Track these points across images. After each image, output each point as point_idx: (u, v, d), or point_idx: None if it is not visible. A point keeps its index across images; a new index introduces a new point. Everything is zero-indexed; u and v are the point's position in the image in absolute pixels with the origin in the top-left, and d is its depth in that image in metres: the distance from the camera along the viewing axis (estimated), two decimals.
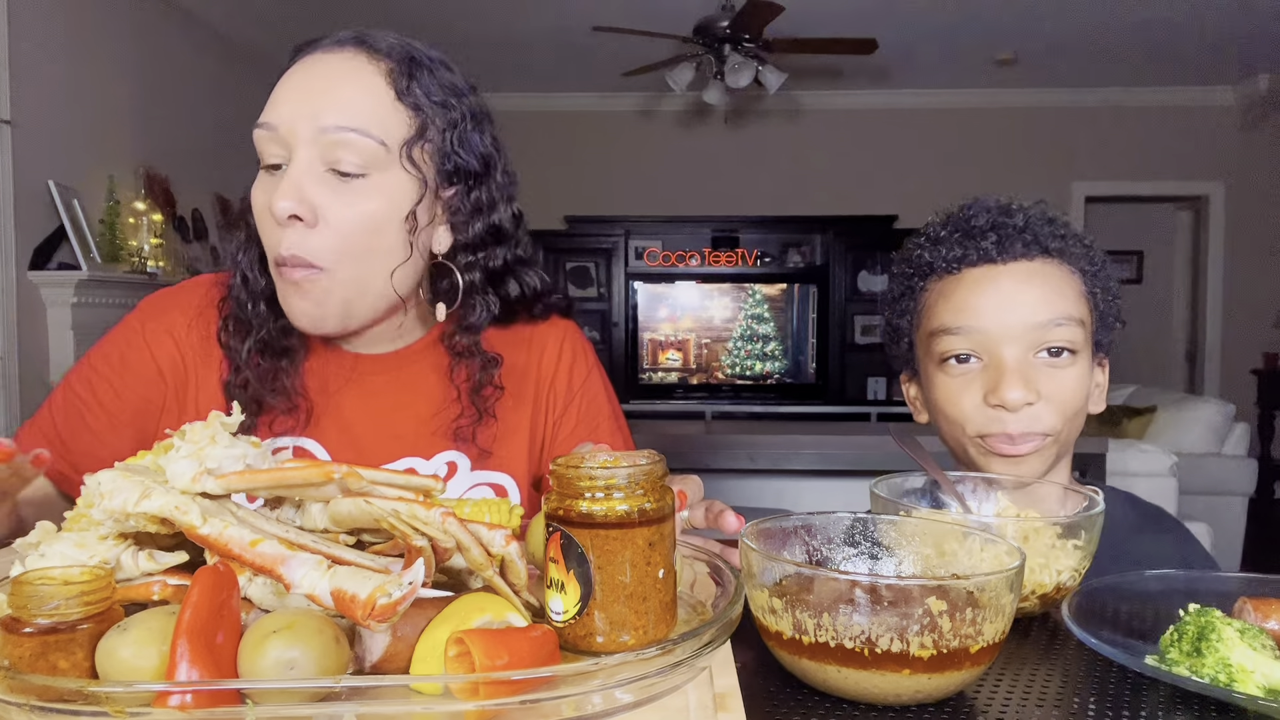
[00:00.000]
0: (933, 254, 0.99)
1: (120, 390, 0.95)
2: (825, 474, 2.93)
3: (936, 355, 0.98)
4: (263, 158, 0.87)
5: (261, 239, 0.89)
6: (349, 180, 0.85)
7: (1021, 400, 0.92)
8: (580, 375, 1.08)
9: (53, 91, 3.64)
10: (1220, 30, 5.18)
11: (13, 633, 0.51)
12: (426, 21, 5.04)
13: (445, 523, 0.56)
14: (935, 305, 0.99)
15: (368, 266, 0.88)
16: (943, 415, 0.99)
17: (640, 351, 6.76)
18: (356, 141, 0.84)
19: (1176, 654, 0.64)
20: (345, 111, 0.84)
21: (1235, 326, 6.51)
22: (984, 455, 0.98)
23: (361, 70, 0.87)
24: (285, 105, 0.85)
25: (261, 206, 0.87)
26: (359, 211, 0.85)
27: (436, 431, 0.97)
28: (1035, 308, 0.94)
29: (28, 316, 3.52)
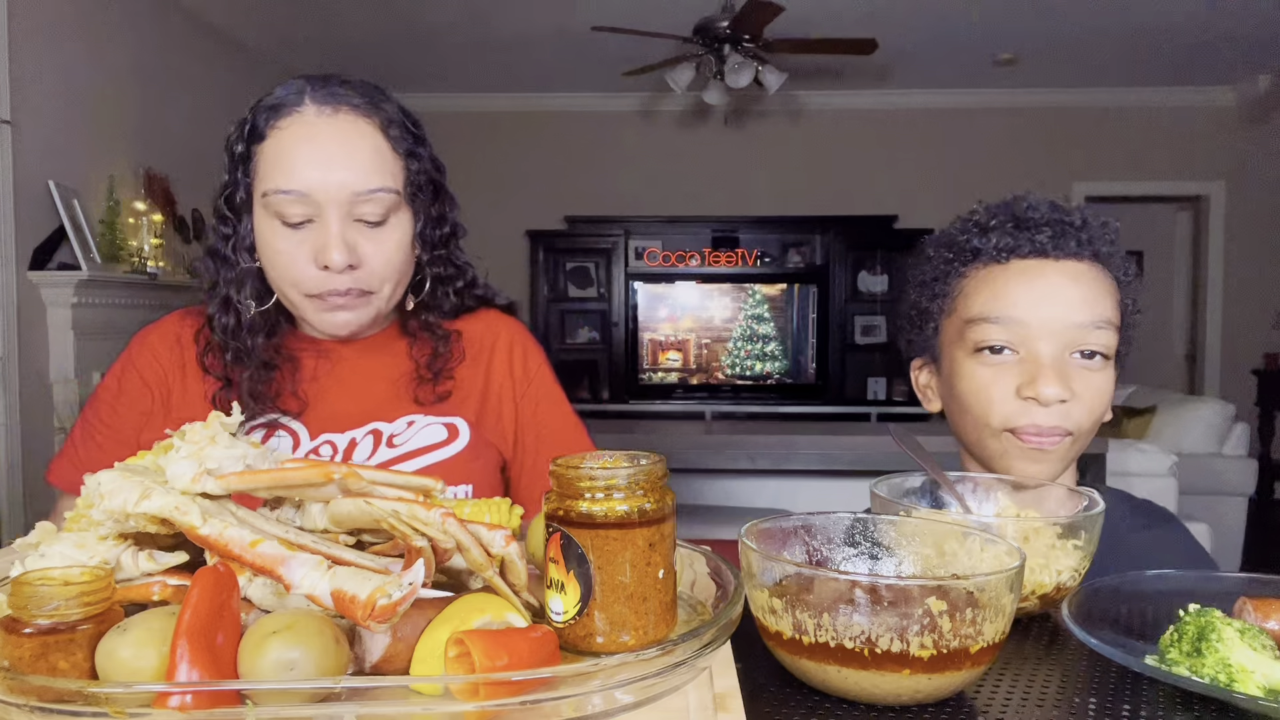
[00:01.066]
0: (981, 240, 0.98)
1: (118, 408, 1.10)
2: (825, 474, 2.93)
3: (970, 343, 0.96)
4: (284, 217, 1.00)
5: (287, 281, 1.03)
6: (377, 230, 1.02)
7: (1057, 396, 0.91)
8: (534, 365, 1.19)
9: (53, 91, 3.64)
10: (1220, 30, 5.18)
11: (13, 633, 0.51)
12: (426, 22, 5.04)
13: (445, 523, 0.56)
14: (976, 292, 0.97)
15: (395, 285, 1.07)
16: (965, 404, 0.98)
17: (640, 351, 6.76)
18: (380, 198, 1.01)
19: (1176, 654, 0.64)
20: (370, 175, 1.00)
21: (1235, 326, 6.51)
22: (1004, 451, 0.96)
23: (365, 133, 1.02)
24: (308, 172, 0.98)
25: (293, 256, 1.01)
26: (389, 250, 1.04)
27: (400, 395, 1.11)
28: (1078, 307, 0.93)
29: (28, 316, 3.51)
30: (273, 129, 1.01)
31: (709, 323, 6.83)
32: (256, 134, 1.02)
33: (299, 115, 1.00)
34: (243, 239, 1.05)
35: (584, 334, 6.72)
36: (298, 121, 1.00)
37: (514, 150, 6.56)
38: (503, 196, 6.58)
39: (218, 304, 1.07)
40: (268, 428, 1.06)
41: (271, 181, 0.99)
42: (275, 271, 1.03)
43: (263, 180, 1.01)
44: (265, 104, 1.02)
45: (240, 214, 1.05)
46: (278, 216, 1.00)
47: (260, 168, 1.01)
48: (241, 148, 1.03)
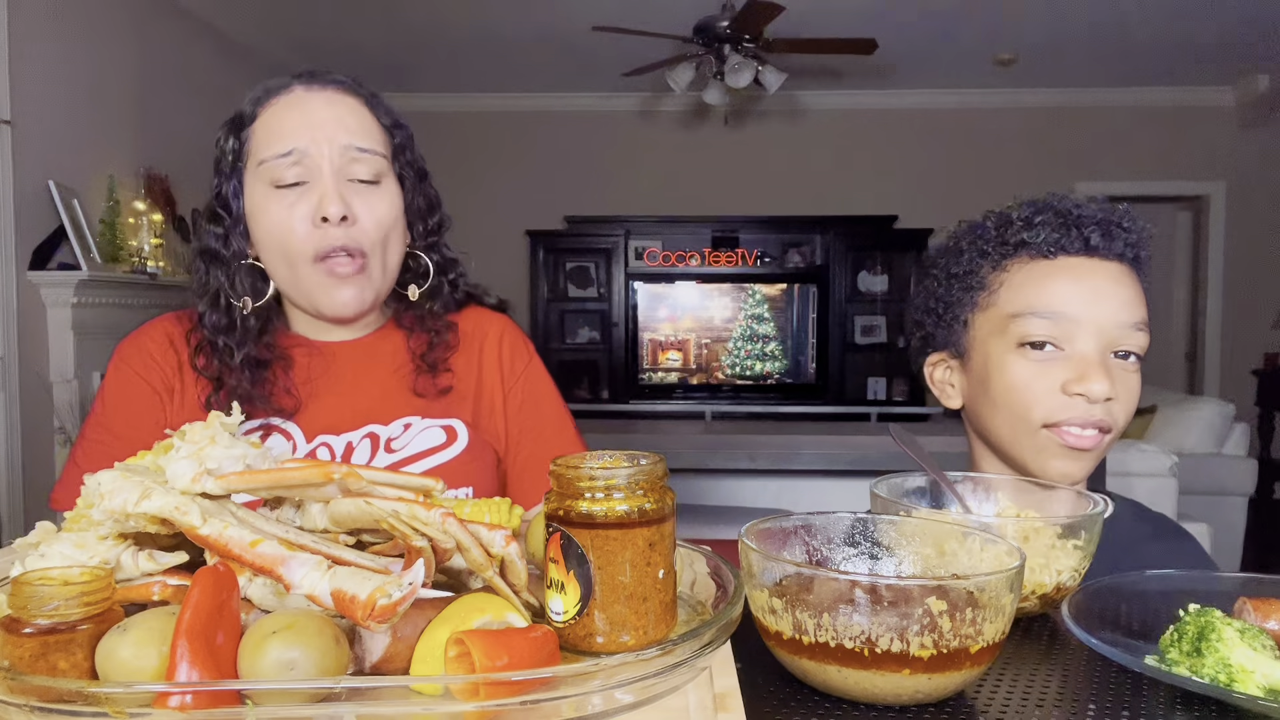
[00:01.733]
0: (1029, 234, 0.97)
1: (131, 418, 1.07)
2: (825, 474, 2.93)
3: (1014, 337, 0.96)
4: (280, 180, 1.03)
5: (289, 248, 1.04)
6: (367, 187, 1.05)
7: (1105, 393, 0.92)
8: (522, 361, 1.20)
9: (53, 91, 3.64)
10: (1220, 30, 5.18)
11: (13, 633, 0.51)
12: (426, 22, 5.04)
13: (445, 523, 0.56)
14: (1021, 286, 0.97)
15: (389, 256, 1.08)
16: (1005, 399, 0.97)
17: (640, 351, 6.75)
18: (369, 158, 1.05)
19: (1176, 654, 0.64)
20: (356, 135, 1.05)
21: (1235, 326, 6.50)
22: (1040, 449, 0.96)
23: (350, 103, 1.07)
24: (301, 133, 1.03)
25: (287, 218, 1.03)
26: (380, 210, 1.06)
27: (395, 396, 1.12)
28: (1121, 308, 0.94)
29: (28, 316, 3.51)
30: (263, 109, 1.06)
31: (709, 323, 6.83)
32: (247, 119, 1.06)
33: (288, 94, 1.06)
34: (234, 227, 1.07)
35: (584, 334, 6.72)
36: (287, 97, 1.06)
37: (514, 150, 6.56)
38: (503, 196, 6.58)
39: (208, 302, 1.08)
40: (262, 431, 1.06)
41: (268, 150, 1.03)
42: (273, 239, 1.04)
43: (256, 154, 1.04)
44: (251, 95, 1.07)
45: (231, 205, 1.07)
46: (273, 182, 1.03)
47: (253, 146, 1.05)
48: (233, 141, 1.06)
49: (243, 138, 1.06)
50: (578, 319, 6.74)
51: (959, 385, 1.05)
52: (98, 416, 1.09)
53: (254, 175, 1.05)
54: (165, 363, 1.09)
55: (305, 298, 1.07)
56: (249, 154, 1.06)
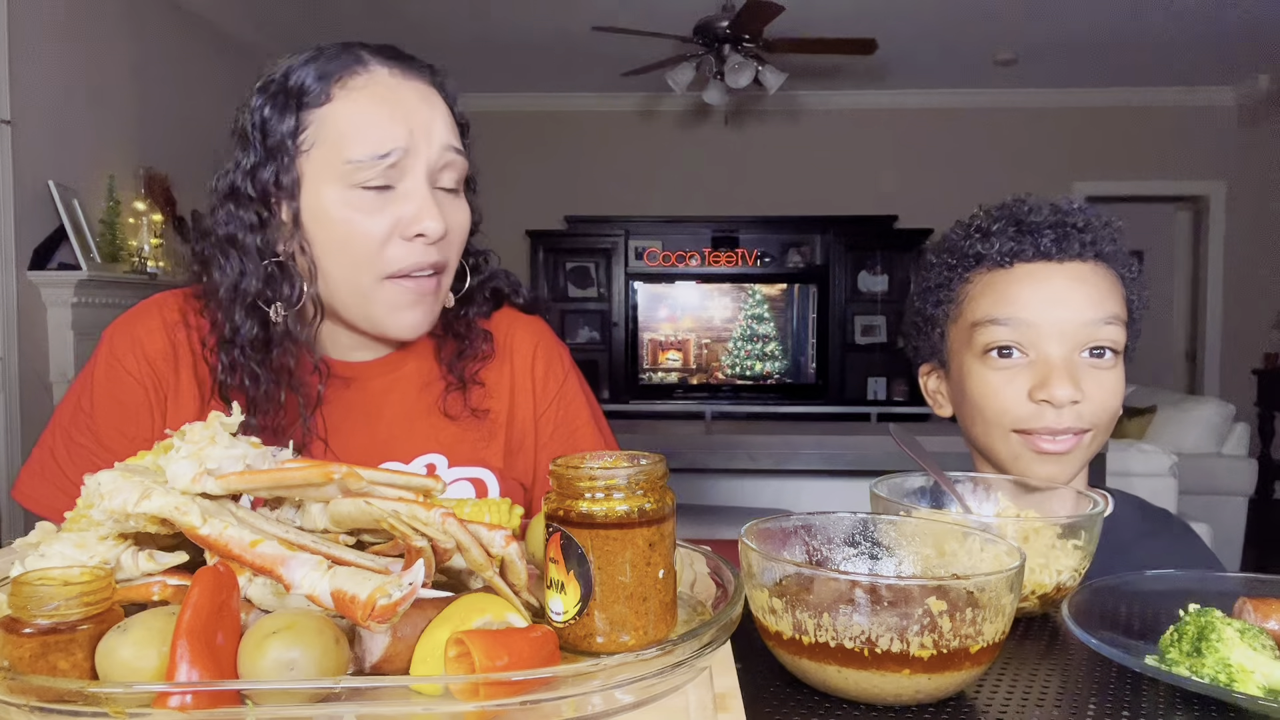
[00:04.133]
0: (984, 245, 0.98)
1: (123, 428, 0.95)
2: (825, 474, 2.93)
3: (979, 346, 0.97)
4: (367, 182, 0.88)
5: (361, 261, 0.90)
6: (453, 196, 0.95)
7: (1069, 398, 0.92)
8: (556, 380, 1.08)
9: (53, 91, 3.64)
10: (1220, 30, 5.18)
11: (13, 633, 0.51)
12: (426, 22, 5.04)
13: (445, 523, 0.56)
14: (981, 296, 0.98)
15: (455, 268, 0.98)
16: (978, 408, 0.98)
17: (640, 352, 6.75)
18: (460, 163, 0.94)
19: (1176, 654, 0.64)
20: (452, 134, 0.94)
21: (1235, 326, 6.50)
22: (1016, 455, 0.96)
23: (437, 100, 0.94)
24: (400, 130, 0.88)
25: (371, 228, 0.89)
26: (463, 222, 0.96)
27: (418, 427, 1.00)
28: (1085, 306, 0.94)
29: (28, 316, 3.51)
30: (341, 89, 0.88)
31: (709, 323, 6.83)
32: (311, 96, 0.88)
33: (371, 76, 0.90)
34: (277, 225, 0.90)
35: (584, 334, 6.72)
36: (372, 81, 0.89)
37: (514, 150, 6.56)
38: (503, 196, 6.57)
39: (244, 309, 0.90)
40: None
41: (356, 147, 0.87)
42: (351, 250, 0.89)
43: (340, 147, 0.88)
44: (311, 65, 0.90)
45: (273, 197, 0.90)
46: (358, 184, 0.88)
47: (328, 134, 0.88)
48: (290, 119, 0.88)
49: (305, 119, 0.88)
50: (578, 319, 6.74)
51: (946, 394, 1.06)
52: (84, 411, 0.96)
53: (328, 170, 0.88)
54: (161, 365, 0.95)
55: (364, 315, 0.93)
56: (315, 140, 0.88)
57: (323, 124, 0.89)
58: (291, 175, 0.89)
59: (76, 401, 0.97)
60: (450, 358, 1.02)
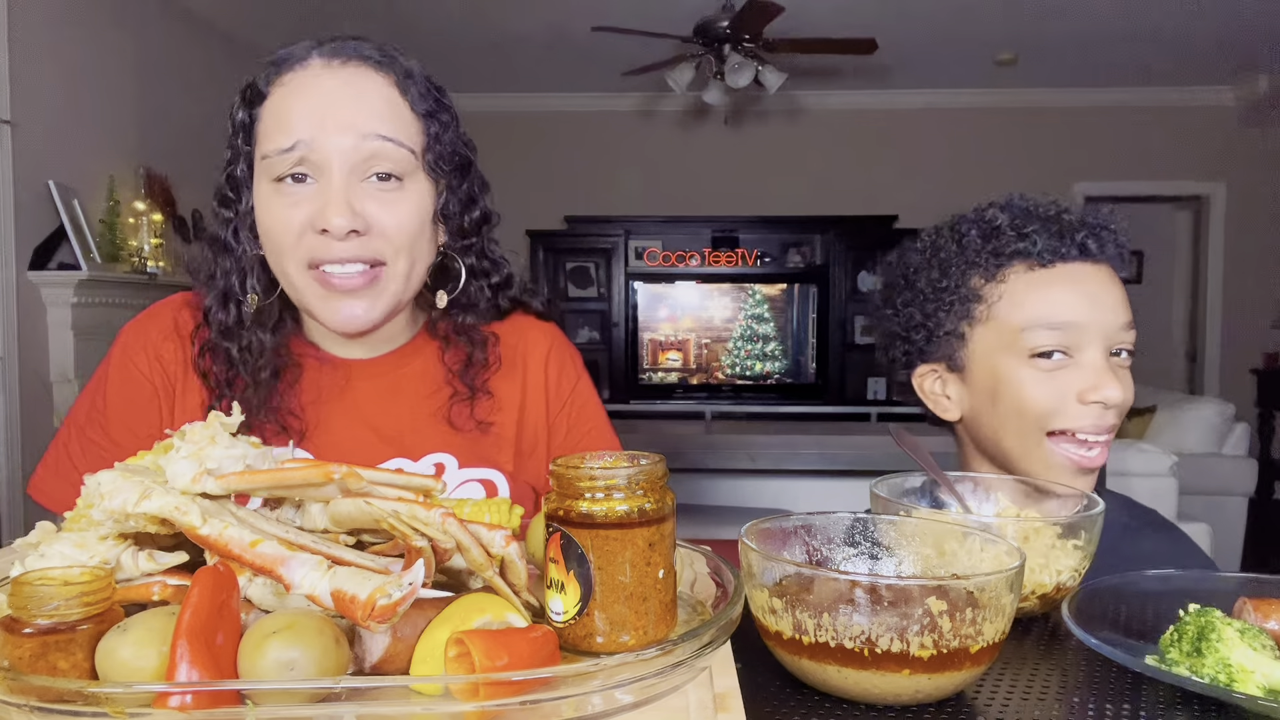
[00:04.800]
0: (1023, 244, 0.96)
1: (134, 426, 0.97)
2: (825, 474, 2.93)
3: (1024, 349, 0.94)
4: (280, 175, 0.89)
5: (283, 252, 0.90)
6: (390, 187, 0.90)
7: (1119, 399, 0.93)
8: (569, 384, 1.08)
9: (53, 91, 3.64)
10: (1220, 30, 5.18)
11: (13, 633, 0.50)
12: (426, 22, 5.04)
13: (445, 523, 0.56)
14: (1023, 297, 0.95)
15: (415, 262, 0.93)
16: (1018, 411, 0.95)
17: (640, 351, 6.75)
18: (392, 151, 0.89)
19: (1176, 654, 0.64)
20: (378, 122, 0.89)
21: (1235, 326, 6.50)
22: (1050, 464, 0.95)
23: (374, 83, 0.91)
24: (307, 123, 0.87)
25: (286, 218, 0.89)
26: (402, 215, 0.91)
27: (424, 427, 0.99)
28: (1117, 308, 0.95)
29: (28, 316, 3.51)
30: (275, 86, 0.91)
31: (709, 323, 6.83)
32: (258, 94, 0.91)
33: (303, 69, 0.90)
34: (244, 218, 0.94)
35: (584, 334, 6.72)
36: (301, 75, 0.90)
37: (514, 150, 6.55)
38: (503, 196, 6.47)
39: (216, 298, 0.95)
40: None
41: (271, 141, 0.89)
42: (271, 240, 0.91)
43: (263, 141, 0.90)
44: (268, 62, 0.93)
45: (242, 191, 0.94)
46: (275, 177, 0.89)
47: (260, 130, 0.91)
48: (243, 114, 0.92)
49: (253, 115, 0.92)
50: (578, 319, 6.74)
51: (956, 397, 1.03)
52: (98, 412, 0.98)
53: (259, 166, 0.91)
54: (171, 360, 0.98)
55: (303, 306, 0.95)
56: (256, 137, 0.91)
57: (262, 121, 0.91)
58: (243, 170, 0.93)
59: (91, 399, 0.99)
60: (458, 366, 1.00)
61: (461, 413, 0.99)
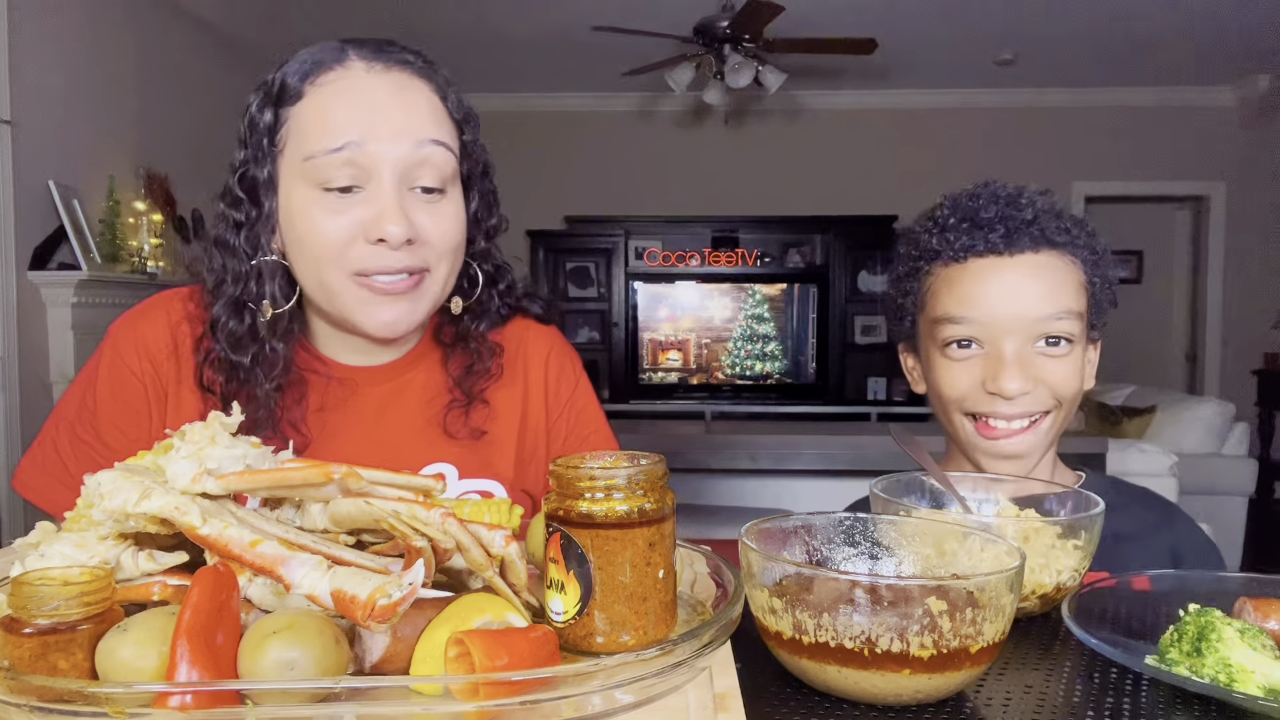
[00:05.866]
0: (940, 241, 1.02)
1: (125, 428, 0.95)
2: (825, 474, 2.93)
3: (939, 340, 1.02)
4: (328, 181, 0.86)
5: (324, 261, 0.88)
6: (435, 197, 0.90)
7: (1019, 391, 0.97)
8: (568, 386, 1.08)
9: (53, 91, 3.64)
10: (1220, 30, 5.18)
11: (13, 633, 0.51)
12: (426, 22, 5.04)
13: (445, 523, 0.56)
14: (940, 292, 1.02)
15: (451, 271, 0.94)
16: (938, 394, 1.04)
17: (640, 351, 6.75)
18: (441, 157, 0.88)
19: (1176, 654, 0.64)
20: (429, 127, 0.88)
21: (1235, 326, 6.50)
22: (974, 443, 1.03)
23: (420, 89, 0.90)
24: (358, 126, 0.85)
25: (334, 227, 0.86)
26: (447, 224, 0.91)
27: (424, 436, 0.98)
28: (1037, 301, 0.98)
29: (28, 316, 3.51)
30: (312, 85, 0.87)
31: (709, 323, 6.82)
32: (290, 94, 0.87)
33: (344, 70, 0.87)
34: (264, 222, 0.90)
35: (584, 334, 6.72)
36: (344, 76, 0.87)
37: (514, 150, 6.54)
38: (503, 196, 6.54)
39: (226, 306, 0.91)
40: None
41: (315, 143, 0.85)
42: (312, 249, 0.87)
43: (302, 143, 0.86)
44: (297, 62, 0.89)
45: (261, 195, 0.90)
46: (320, 183, 0.86)
47: (295, 131, 0.87)
48: (269, 115, 0.88)
49: (281, 116, 0.88)
50: (578, 319, 6.73)
51: (919, 373, 1.12)
52: (88, 408, 0.95)
53: (295, 169, 0.87)
54: (163, 363, 0.95)
55: (338, 311, 0.91)
56: (288, 138, 0.88)
57: (294, 121, 0.88)
58: (268, 173, 0.89)
59: (81, 397, 0.97)
60: (459, 372, 1.00)
61: (457, 420, 0.99)
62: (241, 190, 0.90)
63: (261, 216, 0.90)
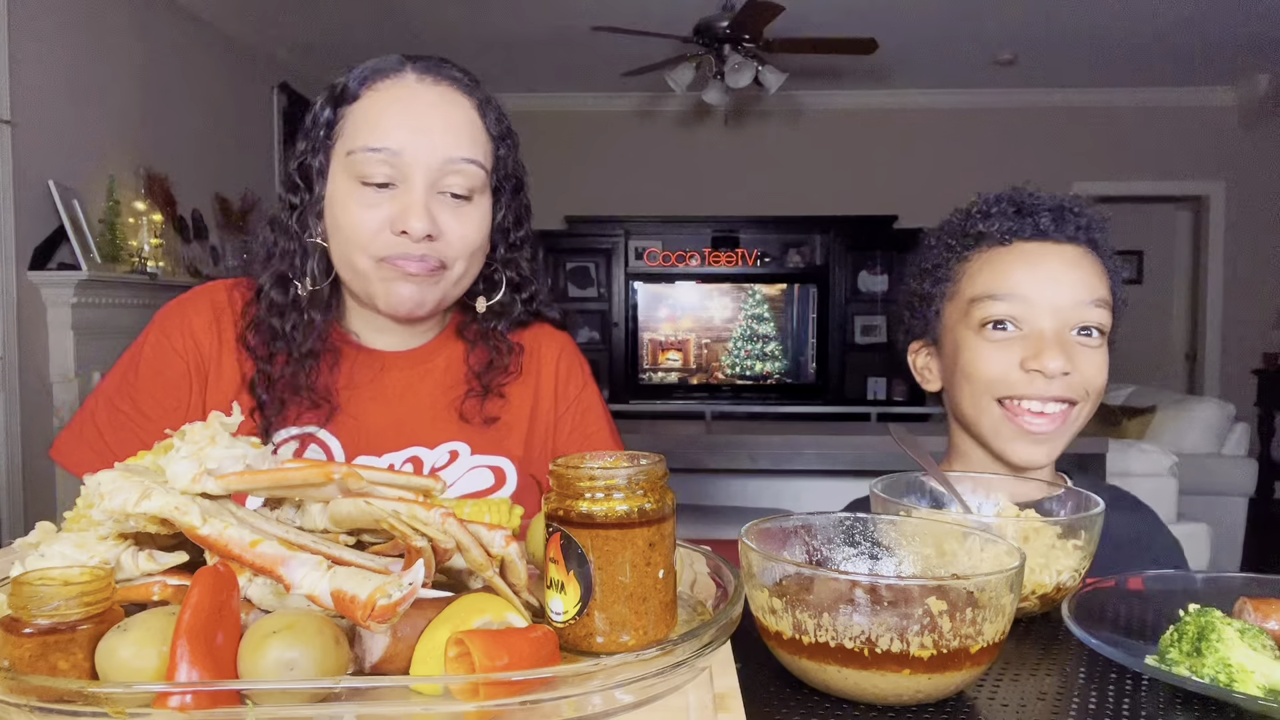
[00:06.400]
0: (985, 225, 1.03)
1: (162, 399, 1.02)
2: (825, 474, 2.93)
3: (976, 320, 1.02)
4: (366, 176, 0.96)
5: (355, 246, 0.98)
6: (461, 202, 0.99)
7: (1060, 369, 0.97)
8: (576, 385, 1.16)
9: (53, 91, 3.64)
10: (1220, 30, 5.18)
11: (13, 633, 0.51)
12: (427, 21, 5.04)
13: (445, 523, 0.56)
14: (980, 273, 1.03)
15: (468, 269, 1.03)
16: (968, 376, 1.03)
17: (640, 351, 6.75)
18: (471, 171, 0.98)
19: (1176, 654, 0.64)
20: (463, 145, 0.98)
21: (1235, 326, 6.50)
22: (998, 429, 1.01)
23: (462, 106, 1.00)
24: (401, 132, 0.96)
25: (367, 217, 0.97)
26: (470, 227, 1.00)
27: (442, 416, 1.07)
28: (1078, 287, 0.99)
29: (28, 316, 3.51)
30: (368, 89, 0.99)
31: (709, 323, 6.82)
32: (349, 95, 0.99)
33: (398, 78, 0.99)
34: (313, 206, 1.01)
35: (584, 334, 6.72)
36: (397, 84, 0.99)
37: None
38: None
39: (272, 278, 1.02)
40: (301, 440, 1.01)
41: (360, 139, 0.97)
42: (345, 234, 0.98)
43: (350, 139, 0.98)
44: (361, 69, 1.01)
45: (313, 181, 1.01)
46: (359, 177, 0.96)
47: (348, 128, 0.99)
48: (328, 112, 1.00)
49: (339, 114, 0.99)
50: (578, 319, 6.73)
51: (935, 370, 1.11)
52: (128, 384, 1.03)
53: (341, 162, 0.98)
54: (206, 342, 1.04)
55: (363, 290, 1.02)
56: (340, 134, 0.99)
57: (349, 119, 0.99)
58: (320, 163, 1.00)
59: (123, 373, 1.04)
60: (480, 366, 1.09)
61: (473, 407, 1.07)
62: (299, 177, 1.01)
63: (312, 200, 1.01)
